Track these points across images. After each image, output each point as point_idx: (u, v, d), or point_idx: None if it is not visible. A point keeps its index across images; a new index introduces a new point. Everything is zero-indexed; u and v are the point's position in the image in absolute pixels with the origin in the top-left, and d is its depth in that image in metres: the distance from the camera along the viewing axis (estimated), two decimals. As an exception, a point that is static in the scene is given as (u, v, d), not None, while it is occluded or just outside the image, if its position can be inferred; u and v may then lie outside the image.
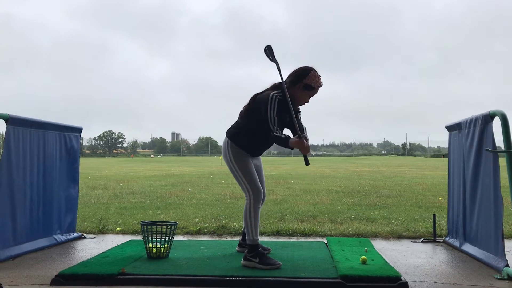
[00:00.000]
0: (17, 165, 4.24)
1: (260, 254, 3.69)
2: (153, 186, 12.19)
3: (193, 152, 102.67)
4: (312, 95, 3.85)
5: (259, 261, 3.66)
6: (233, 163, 3.84)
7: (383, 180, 14.70)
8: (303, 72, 3.78)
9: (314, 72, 3.76)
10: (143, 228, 4.00)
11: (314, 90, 3.81)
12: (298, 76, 3.78)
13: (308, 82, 3.74)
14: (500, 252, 3.64)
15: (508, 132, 3.55)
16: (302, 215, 6.55)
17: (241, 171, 3.82)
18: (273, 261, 3.69)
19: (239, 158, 3.84)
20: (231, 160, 3.85)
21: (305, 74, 3.75)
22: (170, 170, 22.17)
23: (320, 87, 3.83)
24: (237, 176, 3.86)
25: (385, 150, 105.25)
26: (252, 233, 3.75)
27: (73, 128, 5.24)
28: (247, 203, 3.81)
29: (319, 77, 3.78)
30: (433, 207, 7.63)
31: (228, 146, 3.87)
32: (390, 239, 5.11)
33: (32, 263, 3.94)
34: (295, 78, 3.78)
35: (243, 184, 3.84)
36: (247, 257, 3.73)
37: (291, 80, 3.80)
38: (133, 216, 6.60)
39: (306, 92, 3.79)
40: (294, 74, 3.82)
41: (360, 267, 3.59)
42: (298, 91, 3.78)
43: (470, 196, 4.25)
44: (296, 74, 3.80)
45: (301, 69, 3.81)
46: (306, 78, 3.74)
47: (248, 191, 3.81)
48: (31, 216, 4.46)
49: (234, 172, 3.86)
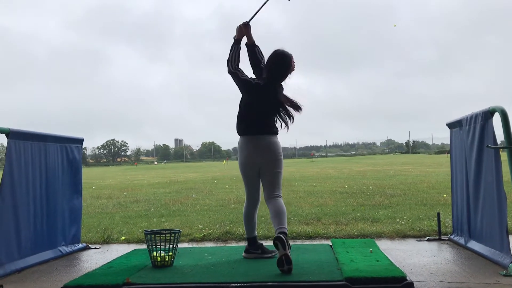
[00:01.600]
0: (20, 178, 4.26)
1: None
2: (157, 193, 12.19)
3: (197, 157, 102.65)
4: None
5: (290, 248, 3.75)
6: (282, 162, 4.08)
7: (387, 179, 14.66)
8: (289, 60, 4.06)
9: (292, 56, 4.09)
10: (147, 237, 4.01)
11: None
12: (288, 65, 4.06)
13: (293, 68, 4.09)
14: (505, 249, 3.63)
15: (509, 127, 3.55)
16: (307, 218, 6.54)
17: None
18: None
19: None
20: (282, 159, 4.08)
21: (290, 63, 4.06)
22: (174, 177, 22.19)
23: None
24: (281, 175, 4.10)
25: (389, 148, 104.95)
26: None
27: (74, 140, 5.26)
28: (281, 200, 4.00)
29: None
30: (437, 204, 7.60)
31: (279, 145, 4.11)
32: (395, 239, 5.10)
33: (37, 276, 3.95)
34: (287, 68, 4.08)
35: (280, 183, 4.09)
36: (286, 246, 3.67)
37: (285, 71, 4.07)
38: (138, 225, 6.60)
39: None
40: (283, 65, 4.06)
41: (365, 268, 3.58)
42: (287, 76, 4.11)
43: (473, 193, 4.24)
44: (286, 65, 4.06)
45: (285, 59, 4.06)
46: (292, 66, 4.06)
47: (281, 189, 4.08)
48: (35, 228, 4.47)
49: (281, 171, 4.09)
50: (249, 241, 4.27)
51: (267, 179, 4.06)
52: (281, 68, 4.05)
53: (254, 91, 4.04)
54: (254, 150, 4.03)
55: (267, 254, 4.21)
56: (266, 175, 4.05)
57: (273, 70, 4.05)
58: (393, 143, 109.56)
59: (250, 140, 4.06)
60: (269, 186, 4.04)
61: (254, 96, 4.04)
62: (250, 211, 4.23)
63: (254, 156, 4.04)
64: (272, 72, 4.05)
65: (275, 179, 4.03)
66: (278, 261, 3.58)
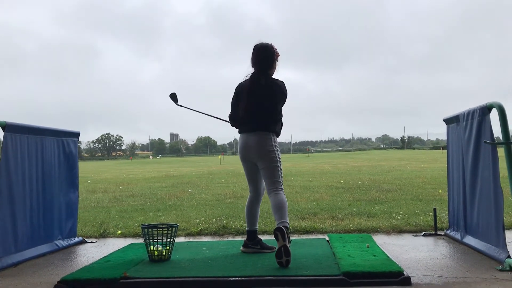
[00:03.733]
0: (16, 172, 4.23)
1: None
2: (153, 188, 12.18)
3: (192, 152, 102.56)
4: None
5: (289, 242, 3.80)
6: (279, 156, 4.18)
7: (383, 174, 14.71)
8: (271, 50, 4.20)
9: (272, 45, 4.24)
10: (144, 231, 4.00)
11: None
12: (272, 54, 4.20)
13: (278, 55, 4.25)
14: (501, 244, 3.64)
15: (506, 123, 3.56)
16: (303, 213, 6.55)
17: (281, 164, 4.21)
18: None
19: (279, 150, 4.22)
20: (278, 153, 4.17)
21: (273, 51, 4.21)
22: (170, 171, 22.16)
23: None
24: (279, 170, 4.15)
25: (384, 144, 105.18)
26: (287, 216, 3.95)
27: (71, 133, 5.23)
28: (283, 194, 4.07)
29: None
30: (433, 200, 7.64)
31: (273, 139, 4.18)
32: (391, 234, 5.12)
33: (34, 270, 3.94)
34: (272, 58, 4.20)
35: (280, 177, 4.15)
36: (287, 239, 3.76)
37: (272, 62, 4.20)
38: (134, 219, 6.59)
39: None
40: (267, 56, 4.18)
41: (362, 263, 3.59)
42: (275, 65, 4.25)
43: (470, 189, 4.25)
44: (270, 56, 4.19)
45: (268, 50, 4.20)
46: (276, 53, 4.22)
47: (282, 183, 4.13)
48: (32, 222, 4.45)
49: (279, 166, 4.15)
50: (248, 234, 4.29)
51: (264, 173, 4.13)
52: (268, 60, 4.19)
53: (242, 95, 4.19)
54: (245, 146, 4.18)
55: (265, 250, 4.23)
56: (262, 170, 4.14)
57: (261, 64, 4.18)
58: (388, 138, 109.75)
59: (242, 137, 4.26)
60: (267, 180, 4.11)
61: (244, 98, 4.16)
62: (250, 203, 4.32)
63: (246, 152, 4.18)
64: (260, 66, 4.18)
65: (271, 174, 4.08)
66: (277, 251, 3.61)
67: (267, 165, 4.09)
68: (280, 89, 4.17)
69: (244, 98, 4.14)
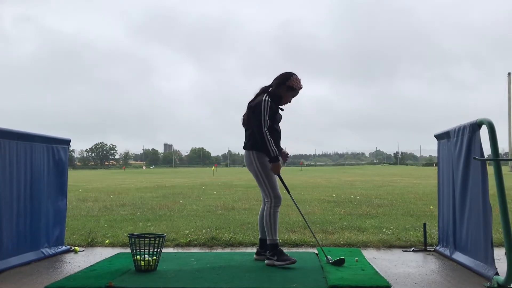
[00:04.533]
0: (4, 177, 4.19)
1: (278, 252, 4.18)
2: (144, 198, 12.10)
3: (186, 163, 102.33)
4: (294, 96, 4.47)
5: (277, 259, 4.14)
6: (260, 170, 4.28)
7: (375, 189, 14.71)
8: (286, 76, 4.40)
9: (295, 76, 4.41)
10: (131, 241, 3.96)
11: (295, 91, 4.43)
12: (282, 79, 4.39)
13: (290, 84, 4.36)
14: (489, 261, 3.64)
15: (495, 140, 3.56)
16: (294, 226, 6.52)
17: (267, 179, 4.28)
18: (288, 257, 4.15)
19: (264, 164, 4.26)
20: (258, 168, 4.28)
21: (288, 78, 4.38)
22: (162, 182, 22.06)
23: (301, 89, 4.45)
24: (262, 183, 4.30)
25: (377, 159, 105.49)
26: (272, 234, 4.21)
27: (61, 140, 5.20)
28: (268, 207, 4.27)
29: (299, 80, 4.42)
30: (424, 216, 7.63)
31: (253, 156, 4.29)
32: (381, 249, 5.10)
33: (18, 278, 3.88)
34: (280, 81, 4.39)
35: (267, 191, 4.29)
36: (268, 257, 4.22)
37: (277, 83, 4.40)
38: (123, 228, 6.53)
39: (289, 93, 4.40)
40: (279, 78, 4.42)
41: (350, 277, 3.57)
42: (282, 92, 4.38)
43: (459, 205, 4.25)
44: (281, 78, 4.41)
45: (284, 74, 4.42)
46: (288, 81, 4.36)
47: (270, 196, 4.26)
48: (18, 229, 4.39)
49: (260, 178, 4.30)
50: (260, 242, 4.51)
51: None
52: (274, 80, 4.45)
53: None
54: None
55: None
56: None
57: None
58: (381, 154, 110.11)
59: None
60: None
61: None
62: (260, 212, 4.54)
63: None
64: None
65: (259, 187, 4.37)
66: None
67: (256, 179, 4.38)
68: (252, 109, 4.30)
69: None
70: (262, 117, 4.18)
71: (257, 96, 4.40)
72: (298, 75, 4.44)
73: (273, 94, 4.35)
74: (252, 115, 4.25)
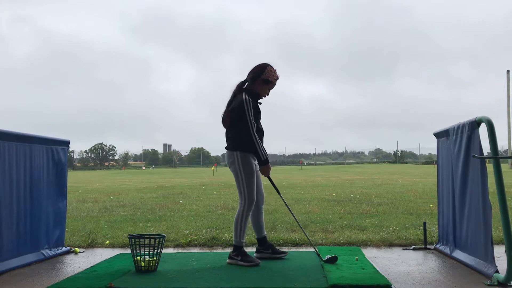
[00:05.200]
0: (3, 179, 4.19)
1: (242, 253, 4.19)
2: (144, 198, 12.10)
3: (185, 163, 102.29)
4: (271, 88, 4.37)
5: (241, 259, 4.17)
6: (241, 171, 4.22)
7: (374, 188, 14.72)
8: (260, 68, 4.30)
9: (270, 68, 4.30)
10: (131, 241, 3.96)
11: (272, 83, 4.33)
12: (256, 73, 4.29)
13: (265, 77, 4.27)
14: (489, 258, 3.64)
15: (495, 138, 3.57)
16: (294, 225, 6.51)
17: (246, 180, 4.22)
18: (253, 259, 4.19)
19: (248, 164, 4.23)
20: (240, 168, 4.23)
21: (262, 70, 4.28)
22: (162, 182, 22.06)
23: (277, 79, 4.35)
24: (240, 183, 4.25)
25: (377, 158, 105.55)
26: (239, 236, 4.21)
27: (61, 141, 5.19)
28: (241, 209, 4.23)
29: (275, 71, 4.32)
30: (424, 214, 7.63)
31: (237, 156, 4.24)
32: (381, 247, 5.10)
33: (18, 279, 3.88)
34: (254, 75, 4.29)
35: (242, 192, 4.24)
36: (231, 256, 4.24)
37: (251, 77, 4.30)
38: (123, 229, 6.53)
39: (265, 86, 4.31)
40: (252, 71, 4.33)
41: (350, 276, 3.57)
42: (258, 86, 4.29)
43: (459, 203, 4.26)
44: (255, 71, 4.31)
45: (258, 66, 4.32)
46: (263, 74, 4.27)
47: (245, 199, 4.22)
48: (18, 231, 4.39)
49: (239, 179, 4.24)
50: (258, 241, 4.53)
51: (259, 182, 4.44)
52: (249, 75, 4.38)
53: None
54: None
55: (277, 254, 4.45)
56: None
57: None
58: (381, 152, 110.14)
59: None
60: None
61: None
62: (249, 214, 4.36)
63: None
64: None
65: (237, 187, 4.31)
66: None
67: (234, 179, 4.37)
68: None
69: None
70: (248, 120, 4.11)
71: (235, 95, 4.32)
72: (273, 66, 4.33)
73: (250, 91, 4.27)
74: (237, 118, 4.19)
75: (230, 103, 4.33)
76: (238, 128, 4.24)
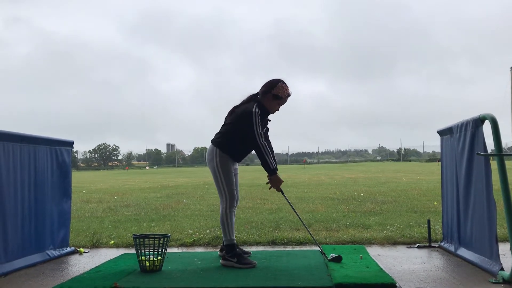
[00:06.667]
0: (8, 180, 4.20)
1: (238, 254, 4.10)
2: (147, 198, 12.12)
3: (189, 162, 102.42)
4: (281, 104, 4.31)
5: (237, 261, 4.06)
6: (219, 169, 4.20)
7: (378, 186, 14.69)
8: (272, 83, 4.25)
9: (281, 84, 4.25)
10: (136, 241, 3.97)
11: (282, 100, 4.27)
12: (268, 87, 4.25)
13: (276, 93, 4.21)
14: (494, 256, 3.63)
15: (499, 135, 3.56)
16: (298, 224, 6.51)
17: (224, 177, 4.19)
18: (249, 261, 4.10)
19: (225, 165, 4.20)
20: (217, 166, 4.20)
21: (273, 86, 4.23)
22: (165, 182, 22.08)
23: (289, 96, 4.29)
24: (219, 181, 4.22)
25: (381, 156, 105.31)
26: (229, 234, 4.14)
27: (64, 142, 5.21)
28: (223, 208, 4.19)
29: (287, 87, 4.26)
30: (428, 212, 7.62)
31: (216, 153, 4.21)
32: (385, 246, 5.09)
33: (24, 280, 3.90)
34: (266, 89, 4.25)
35: (222, 190, 4.21)
36: (226, 257, 4.12)
37: (263, 91, 4.27)
38: (127, 229, 6.55)
39: (276, 101, 4.25)
40: (264, 86, 4.29)
41: (355, 274, 3.57)
42: (268, 101, 4.24)
43: (463, 200, 4.25)
44: (266, 86, 4.27)
45: (270, 82, 4.28)
46: (274, 89, 4.22)
47: (226, 196, 4.19)
48: (23, 231, 4.41)
49: (218, 177, 4.22)
50: (232, 246, 4.35)
51: (236, 183, 4.39)
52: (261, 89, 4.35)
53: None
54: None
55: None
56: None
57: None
58: (384, 150, 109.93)
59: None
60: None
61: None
62: (233, 210, 4.31)
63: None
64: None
65: (215, 185, 4.27)
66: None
67: (213, 177, 4.34)
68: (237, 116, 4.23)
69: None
70: (255, 130, 4.05)
71: (243, 103, 4.29)
72: (285, 82, 4.27)
73: (260, 104, 4.21)
74: (236, 122, 4.18)
75: (236, 107, 4.31)
76: (230, 131, 4.22)
